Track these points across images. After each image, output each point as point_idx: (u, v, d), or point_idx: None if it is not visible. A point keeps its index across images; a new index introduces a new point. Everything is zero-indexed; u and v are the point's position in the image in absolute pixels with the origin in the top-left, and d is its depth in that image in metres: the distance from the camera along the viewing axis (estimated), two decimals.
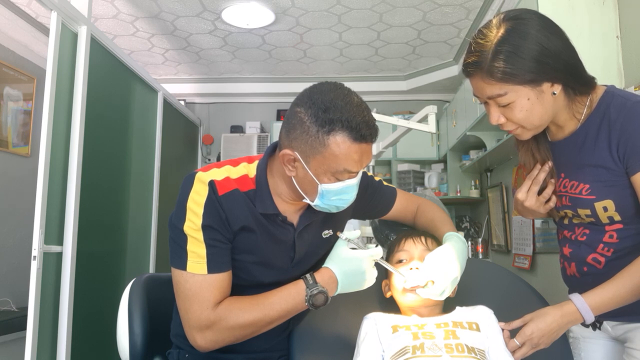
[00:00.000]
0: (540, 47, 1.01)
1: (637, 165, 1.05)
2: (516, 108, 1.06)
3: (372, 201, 1.35)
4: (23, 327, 2.11)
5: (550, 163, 1.20)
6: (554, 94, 1.06)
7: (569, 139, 1.16)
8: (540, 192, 1.22)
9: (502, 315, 1.19)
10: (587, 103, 1.12)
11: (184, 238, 1.07)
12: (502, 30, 1.04)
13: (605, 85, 1.15)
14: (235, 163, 1.16)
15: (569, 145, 1.16)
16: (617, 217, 1.11)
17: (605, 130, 1.09)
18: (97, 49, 2.51)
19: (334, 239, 1.20)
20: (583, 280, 1.18)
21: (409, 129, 2.77)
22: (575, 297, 1.08)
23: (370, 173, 1.36)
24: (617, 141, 1.07)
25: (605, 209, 1.10)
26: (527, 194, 1.22)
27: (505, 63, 1.01)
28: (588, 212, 1.13)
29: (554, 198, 1.21)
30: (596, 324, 1.24)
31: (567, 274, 1.25)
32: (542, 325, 1.08)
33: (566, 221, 1.23)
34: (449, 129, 4.18)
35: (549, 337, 1.08)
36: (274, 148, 1.16)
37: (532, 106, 1.06)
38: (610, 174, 1.09)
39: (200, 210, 1.06)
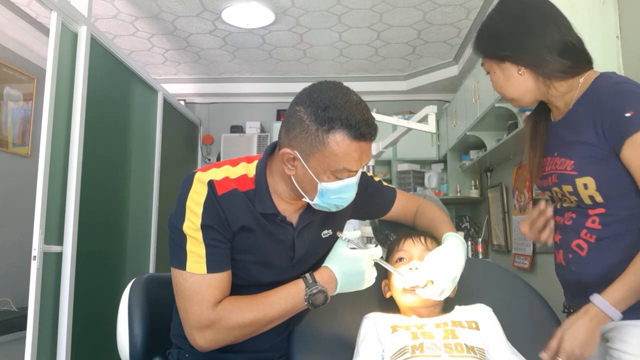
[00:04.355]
0: (498, 30, 1.19)
1: (622, 142, 1.05)
2: (493, 80, 1.23)
3: (371, 201, 1.35)
4: (23, 327, 2.11)
5: (550, 210, 1.26)
6: (520, 73, 1.17)
7: (563, 119, 1.21)
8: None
9: (502, 315, 1.19)
10: (579, 86, 1.16)
11: (183, 238, 1.07)
12: (489, 12, 1.22)
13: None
14: (234, 163, 1.16)
15: (563, 125, 1.21)
16: (599, 199, 1.12)
17: (592, 108, 1.12)
18: (97, 49, 2.51)
19: (333, 239, 1.20)
20: (568, 269, 1.20)
21: (409, 129, 2.77)
22: (595, 298, 1.07)
23: (370, 173, 1.37)
24: (600, 118, 1.09)
25: (585, 186, 1.11)
26: (529, 230, 1.30)
27: (476, 37, 1.23)
28: (570, 188, 1.15)
29: (551, 233, 1.27)
30: None
31: (556, 263, 1.27)
32: (574, 334, 1.07)
33: (558, 205, 1.25)
34: (449, 129, 4.18)
35: (584, 344, 1.06)
36: (274, 148, 1.16)
37: (501, 80, 1.21)
38: (594, 150, 1.10)
39: (200, 210, 1.06)
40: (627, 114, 1.03)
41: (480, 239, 4.09)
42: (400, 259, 1.26)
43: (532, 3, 1.18)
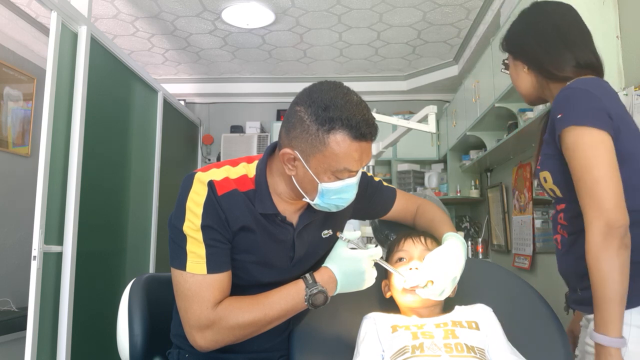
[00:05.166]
0: (515, 30, 1.30)
1: (559, 127, 1.11)
2: (510, 73, 1.35)
3: (372, 201, 1.35)
4: (23, 327, 2.11)
5: None
6: (525, 71, 1.29)
7: None
8: None
9: (502, 315, 1.19)
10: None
11: (183, 238, 1.07)
12: None
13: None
14: (234, 163, 1.16)
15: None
16: (559, 193, 1.18)
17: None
18: (97, 49, 2.51)
19: (333, 239, 1.20)
20: (557, 261, 1.26)
21: (409, 129, 2.77)
22: (594, 337, 1.06)
23: (370, 173, 1.37)
24: (550, 118, 1.18)
25: (545, 179, 1.20)
26: None
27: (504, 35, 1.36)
28: (537, 181, 1.24)
29: None
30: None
31: None
32: None
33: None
34: (449, 129, 4.18)
35: None
36: (274, 148, 1.16)
37: (514, 75, 1.33)
38: (549, 148, 1.19)
39: (200, 211, 1.06)
40: (558, 116, 1.12)
41: (480, 239, 4.09)
42: (400, 259, 1.26)
43: (552, 12, 1.26)
